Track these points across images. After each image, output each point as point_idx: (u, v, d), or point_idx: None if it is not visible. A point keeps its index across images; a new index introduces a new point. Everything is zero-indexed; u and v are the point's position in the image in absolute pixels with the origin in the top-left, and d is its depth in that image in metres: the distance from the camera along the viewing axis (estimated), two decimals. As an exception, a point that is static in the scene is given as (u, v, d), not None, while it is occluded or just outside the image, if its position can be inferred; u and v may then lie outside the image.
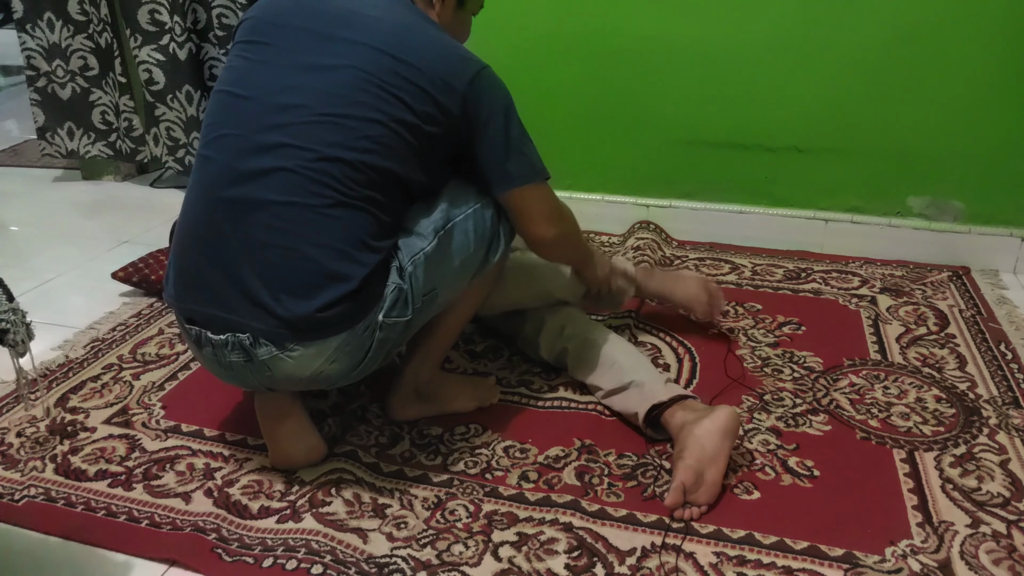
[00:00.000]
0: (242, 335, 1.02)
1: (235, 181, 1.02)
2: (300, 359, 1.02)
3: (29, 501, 1.11)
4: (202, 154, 1.08)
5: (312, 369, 1.03)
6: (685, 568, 0.97)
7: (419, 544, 1.02)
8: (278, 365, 1.02)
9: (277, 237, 1.00)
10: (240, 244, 1.01)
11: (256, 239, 1.01)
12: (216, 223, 1.03)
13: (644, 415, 1.19)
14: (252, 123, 1.03)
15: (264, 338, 1.01)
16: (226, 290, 1.02)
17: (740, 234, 1.97)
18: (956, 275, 1.79)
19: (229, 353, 1.04)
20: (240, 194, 1.01)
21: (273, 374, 1.04)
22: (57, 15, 2.31)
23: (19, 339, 0.87)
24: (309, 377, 1.05)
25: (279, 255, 1.00)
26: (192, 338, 1.07)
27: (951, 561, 0.98)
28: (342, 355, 1.04)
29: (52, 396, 1.36)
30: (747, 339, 1.53)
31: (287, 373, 1.03)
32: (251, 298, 1.01)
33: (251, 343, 1.01)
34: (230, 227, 1.02)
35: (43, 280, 1.84)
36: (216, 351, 1.04)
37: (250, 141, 1.02)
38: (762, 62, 1.82)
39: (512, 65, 1.40)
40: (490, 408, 1.31)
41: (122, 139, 2.45)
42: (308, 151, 1.00)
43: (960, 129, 1.75)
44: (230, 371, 1.06)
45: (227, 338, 1.02)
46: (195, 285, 1.05)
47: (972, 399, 1.31)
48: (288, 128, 1.01)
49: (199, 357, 1.10)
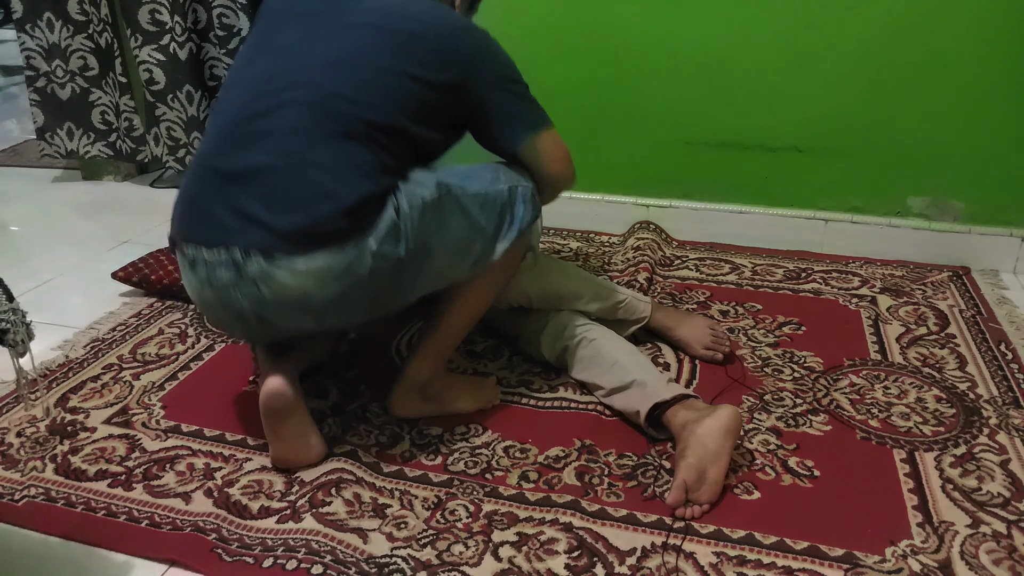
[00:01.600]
0: (233, 248, 1.04)
1: (248, 117, 1.09)
2: (288, 274, 1.04)
3: (29, 501, 1.11)
4: (224, 91, 1.18)
5: (300, 288, 1.05)
6: (685, 568, 0.97)
7: (419, 544, 1.02)
8: (267, 281, 1.04)
9: (279, 159, 1.06)
10: (244, 170, 1.07)
11: (260, 164, 1.06)
12: (225, 153, 1.09)
13: (646, 414, 1.19)
14: (271, 72, 1.12)
15: (255, 249, 1.04)
16: (225, 214, 1.06)
17: (740, 234, 1.97)
18: (956, 275, 1.79)
19: (220, 269, 1.06)
20: (250, 128, 1.09)
21: (261, 293, 1.05)
22: (57, 15, 2.31)
23: (19, 339, 0.87)
24: (298, 299, 1.06)
25: (278, 176, 1.05)
26: (188, 262, 1.10)
27: (951, 561, 0.98)
28: (331, 278, 1.05)
29: (52, 396, 1.36)
30: (747, 339, 1.53)
31: (275, 292, 1.05)
32: (247, 216, 1.05)
33: (242, 256, 1.04)
34: (237, 156, 1.08)
35: (43, 280, 1.84)
36: (208, 269, 1.07)
37: (268, 84, 1.11)
38: (762, 62, 1.82)
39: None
40: (490, 408, 1.31)
41: (122, 139, 2.45)
42: (318, 87, 1.08)
43: (960, 129, 1.75)
44: (220, 294, 1.07)
45: (218, 252, 1.05)
46: (197, 214, 1.10)
47: (972, 399, 1.31)
48: (303, 71, 1.10)
49: (191, 287, 1.12)
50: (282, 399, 1.13)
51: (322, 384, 1.37)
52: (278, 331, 1.14)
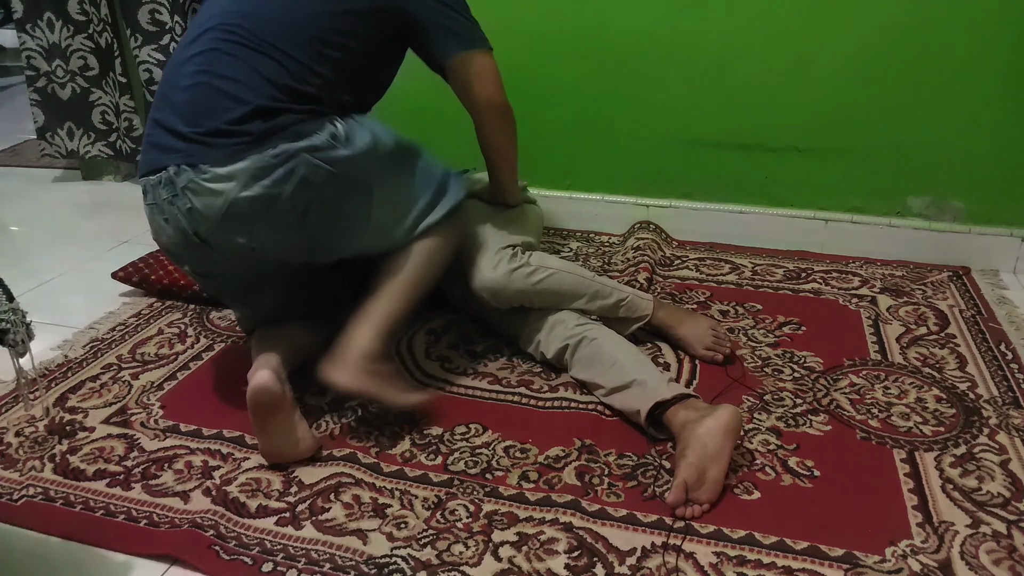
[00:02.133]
0: (170, 168, 1.12)
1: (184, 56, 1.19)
2: (214, 181, 1.10)
3: (28, 501, 1.11)
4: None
5: (228, 196, 1.10)
6: (685, 568, 0.97)
7: (419, 544, 1.02)
8: (197, 193, 1.10)
9: (199, 78, 1.15)
10: (175, 95, 1.16)
11: (183, 86, 1.16)
12: (163, 93, 1.19)
13: (646, 413, 1.19)
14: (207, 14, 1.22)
15: (184, 163, 1.11)
16: (164, 138, 1.15)
17: (740, 234, 1.97)
18: (956, 275, 1.79)
19: (160, 189, 1.13)
20: (181, 57, 1.19)
21: (194, 206, 1.11)
22: (57, 15, 2.31)
23: (19, 339, 0.87)
24: (227, 210, 1.10)
25: (198, 92, 1.14)
26: (145, 196, 1.17)
27: (951, 561, 0.97)
28: (256, 183, 1.10)
29: (51, 396, 1.36)
30: (747, 339, 1.53)
31: (205, 202, 1.10)
32: (175, 133, 1.13)
33: (175, 172, 1.11)
34: (168, 87, 1.18)
35: (43, 280, 1.84)
36: (153, 193, 1.15)
37: (201, 26, 1.21)
38: (762, 62, 1.82)
39: (511, 65, 1.40)
40: (491, 408, 1.31)
41: (122, 139, 2.45)
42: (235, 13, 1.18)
43: (960, 129, 1.75)
44: (165, 216, 1.14)
45: (158, 175, 1.13)
46: (149, 147, 1.18)
47: (972, 399, 1.31)
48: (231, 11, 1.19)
49: (149, 221, 1.19)
50: (268, 394, 1.12)
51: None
52: (221, 264, 1.21)
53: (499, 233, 1.42)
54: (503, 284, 1.35)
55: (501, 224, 1.45)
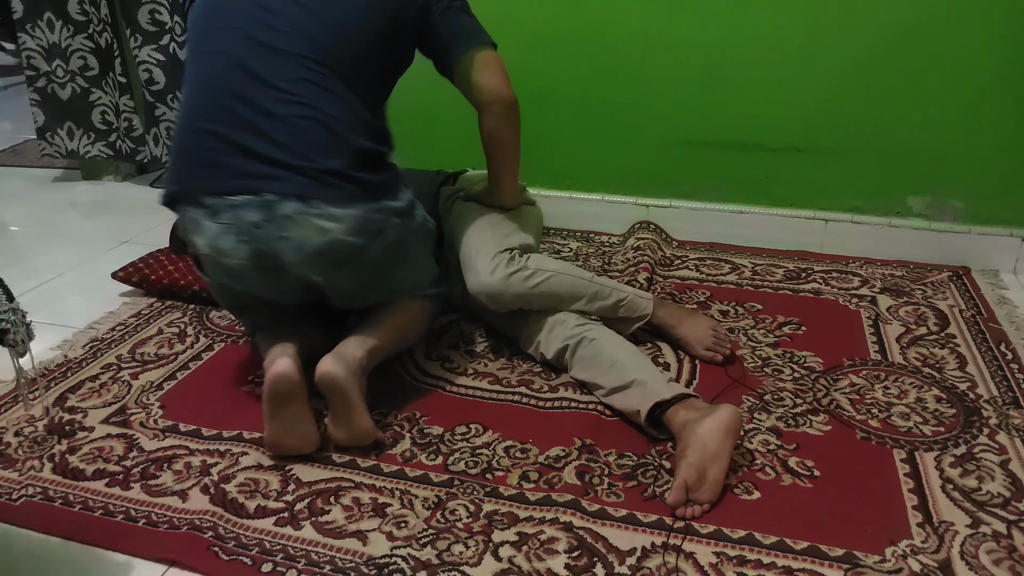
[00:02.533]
0: (268, 195, 1.12)
1: (242, 69, 1.16)
2: (323, 219, 1.13)
3: (27, 500, 1.11)
4: (199, 51, 1.22)
5: (331, 236, 1.14)
6: (685, 568, 0.97)
7: (419, 544, 1.01)
8: (299, 225, 1.12)
9: (299, 109, 1.14)
10: (257, 119, 1.13)
11: (273, 112, 1.14)
12: (226, 106, 1.15)
13: (646, 413, 1.18)
14: (247, 19, 1.18)
15: (293, 194, 1.12)
16: (246, 163, 1.13)
17: (740, 234, 1.97)
18: (956, 275, 1.79)
19: (248, 211, 1.12)
20: (248, 78, 1.15)
21: (291, 236, 1.13)
22: (57, 15, 2.31)
23: (19, 339, 0.87)
24: (324, 248, 1.14)
25: (304, 125, 1.14)
26: (207, 212, 1.14)
27: (951, 561, 0.97)
28: (358, 229, 1.16)
29: (51, 396, 1.36)
30: (747, 339, 1.52)
31: (305, 237, 1.13)
32: (273, 161, 1.12)
33: (276, 199, 1.12)
34: (242, 106, 1.14)
35: (43, 280, 1.84)
36: (234, 213, 1.12)
37: (250, 33, 1.17)
38: (762, 62, 1.82)
39: (512, 65, 1.40)
40: (491, 408, 1.31)
41: (122, 139, 2.45)
42: (304, 35, 1.17)
43: (960, 129, 1.75)
44: (240, 237, 1.13)
45: (247, 199, 1.12)
46: (208, 167, 1.15)
47: (972, 399, 1.31)
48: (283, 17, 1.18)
49: (205, 237, 1.16)
50: (288, 383, 1.13)
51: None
52: (280, 287, 1.22)
53: (497, 236, 1.41)
54: (501, 288, 1.35)
55: (499, 226, 1.45)
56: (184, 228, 1.23)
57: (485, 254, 1.37)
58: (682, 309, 1.52)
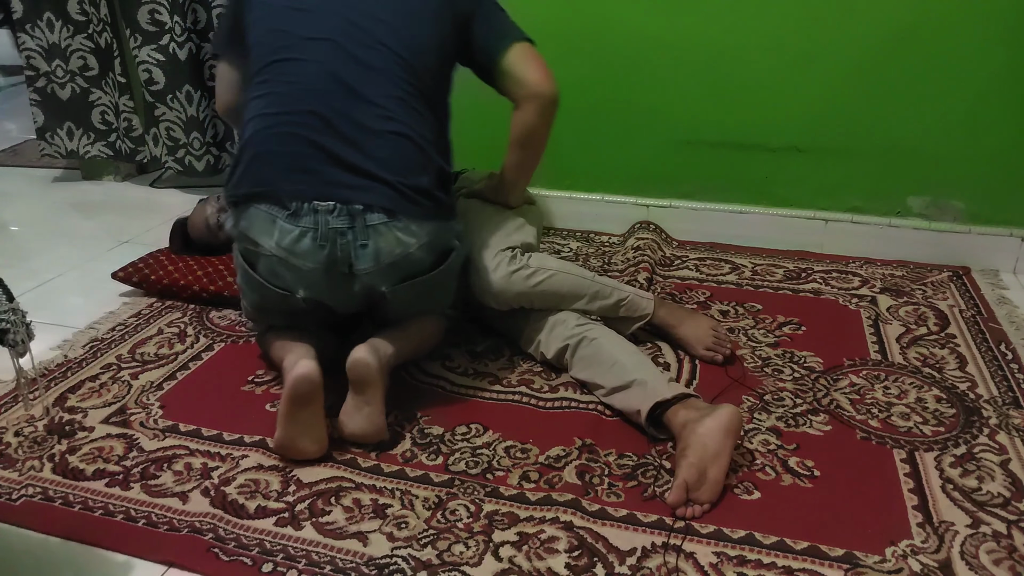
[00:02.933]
0: (356, 205, 1.17)
1: (336, 80, 1.19)
2: (401, 232, 1.19)
3: (27, 500, 1.11)
4: (281, 58, 1.23)
5: (407, 249, 1.20)
6: (685, 568, 0.97)
7: (420, 544, 1.01)
8: (382, 236, 1.18)
9: (393, 126, 1.19)
10: (357, 134, 1.18)
11: (369, 127, 1.19)
12: (320, 115, 1.19)
13: (647, 413, 1.18)
14: (338, 32, 1.22)
15: (380, 205, 1.17)
16: (336, 171, 1.18)
17: (740, 234, 1.97)
18: (956, 275, 1.79)
19: (330, 218, 1.16)
20: (344, 91, 1.19)
21: (372, 246, 1.18)
22: (57, 15, 2.31)
23: (19, 339, 0.87)
24: (399, 260, 1.20)
25: (400, 144, 1.20)
26: (288, 215, 1.17)
27: (951, 561, 0.97)
28: (428, 246, 1.22)
29: (51, 396, 1.36)
30: (747, 339, 1.52)
31: (386, 247, 1.19)
32: (369, 175, 1.17)
33: (363, 209, 1.17)
34: (337, 117, 1.18)
35: (43, 280, 1.84)
36: (318, 217, 1.16)
37: (342, 46, 1.21)
38: (762, 62, 1.82)
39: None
40: (491, 408, 1.31)
41: (122, 139, 2.45)
42: (394, 53, 1.22)
43: (960, 129, 1.75)
44: (319, 240, 1.17)
45: (335, 205, 1.17)
46: (294, 171, 1.19)
47: (972, 399, 1.31)
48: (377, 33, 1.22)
49: (277, 238, 1.18)
50: (310, 385, 1.13)
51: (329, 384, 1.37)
52: (343, 294, 1.24)
53: (498, 235, 1.42)
54: (503, 287, 1.35)
55: (500, 226, 1.45)
56: (245, 226, 1.22)
57: (487, 253, 1.37)
58: (682, 309, 1.52)
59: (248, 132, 1.23)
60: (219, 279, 1.67)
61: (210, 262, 1.74)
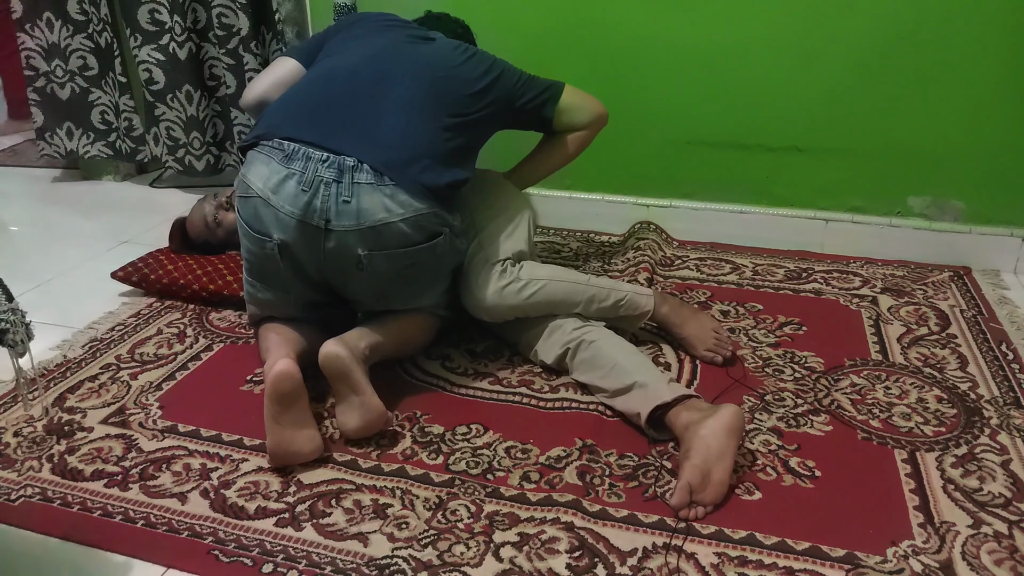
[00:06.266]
0: (346, 157, 1.19)
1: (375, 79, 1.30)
2: (388, 198, 1.19)
3: (25, 501, 1.10)
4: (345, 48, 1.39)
5: (388, 214, 1.20)
6: (686, 569, 0.97)
7: (420, 544, 1.01)
8: (367, 195, 1.19)
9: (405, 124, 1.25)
10: (370, 113, 1.25)
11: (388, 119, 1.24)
12: (352, 92, 1.28)
13: (647, 415, 1.18)
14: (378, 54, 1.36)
15: (372, 166, 1.19)
16: (340, 133, 1.22)
17: (741, 234, 1.97)
18: (957, 275, 1.78)
19: (322, 167, 1.19)
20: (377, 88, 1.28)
21: (353, 202, 1.18)
22: (56, 15, 2.31)
23: (18, 339, 0.87)
24: (378, 226, 1.19)
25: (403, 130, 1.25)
26: (281, 155, 1.21)
27: (952, 562, 0.97)
28: (415, 222, 1.22)
29: (50, 396, 1.36)
30: (748, 339, 1.52)
31: (367, 207, 1.19)
32: (369, 141, 1.22)
33: (354, 165, 1.19)
34: (365, 101, 1.26)
35: (43, 280, 1.84)
36: (307, 163, 1.19)
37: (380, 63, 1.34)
38: (762, 62, 1.82)
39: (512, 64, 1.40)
40: (492, 408, 1.31)
41: (122, 139, 2.45)
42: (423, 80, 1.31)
43: (960, 129, 1.75)
44: (303, 186, 1.18)
45: (328, 155, 1.20)
46: (310, 123, 1.24)
47: (973, 399, 1.31)
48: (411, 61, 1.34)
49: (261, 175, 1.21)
50: (290, 382, 1.12)
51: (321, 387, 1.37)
52: (310, 254, 1.23)
53: (489, 248, 1.39)
54: (495, 303, 1.35)
55: (492, 237, 1.41)
56: (244, 171, 1.26)
57: (478, 269, 1.36)
58: (686, 308, 1.51)
59: (281, 97, 1.36)
60: (219, 278, 1.67)
61: (209, 261, 1.74)
